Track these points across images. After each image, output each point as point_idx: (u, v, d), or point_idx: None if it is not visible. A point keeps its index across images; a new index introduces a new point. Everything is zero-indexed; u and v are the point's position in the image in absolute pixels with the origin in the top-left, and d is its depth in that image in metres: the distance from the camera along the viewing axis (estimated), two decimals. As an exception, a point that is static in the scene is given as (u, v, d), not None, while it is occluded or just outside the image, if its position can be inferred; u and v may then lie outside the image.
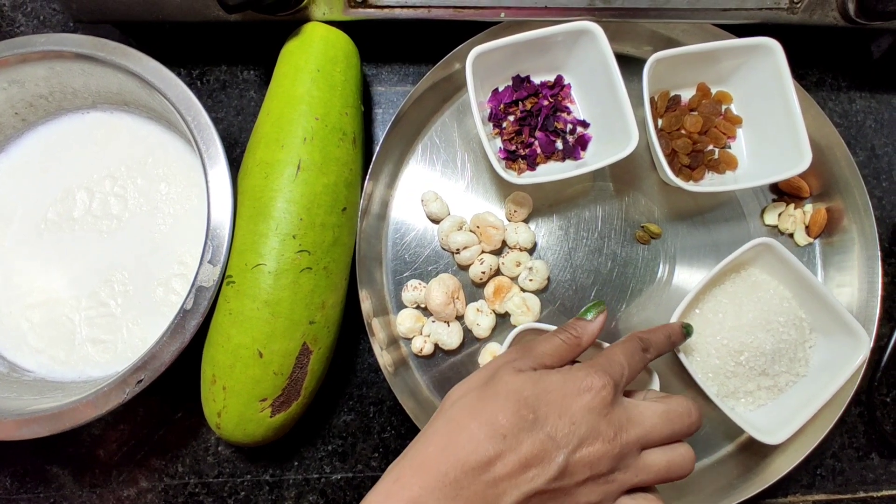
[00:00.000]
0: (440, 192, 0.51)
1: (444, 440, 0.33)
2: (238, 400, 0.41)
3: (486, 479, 0.31)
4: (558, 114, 0.51)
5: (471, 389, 0.35)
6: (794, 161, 0.47)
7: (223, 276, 0.41)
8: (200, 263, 0.41)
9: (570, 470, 0.32)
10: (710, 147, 0.51)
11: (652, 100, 0.50)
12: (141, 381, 0.39)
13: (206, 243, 0.41)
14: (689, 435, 0.36)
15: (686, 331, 0.43)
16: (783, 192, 0.52)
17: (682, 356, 0.45)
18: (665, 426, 0.35)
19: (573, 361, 0.38)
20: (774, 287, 0.48)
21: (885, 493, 0.51)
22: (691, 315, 0.47)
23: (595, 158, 0.50)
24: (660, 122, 0.51)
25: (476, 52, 0.46)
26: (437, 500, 0.31)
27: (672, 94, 0.52)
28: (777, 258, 0.47)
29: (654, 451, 0.35)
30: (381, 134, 0.53)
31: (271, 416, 0.42)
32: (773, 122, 0.49)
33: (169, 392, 0.49)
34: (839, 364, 0.46)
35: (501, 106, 0.51)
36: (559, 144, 0.51)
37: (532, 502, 0.32)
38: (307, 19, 0.48)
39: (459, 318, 0.49)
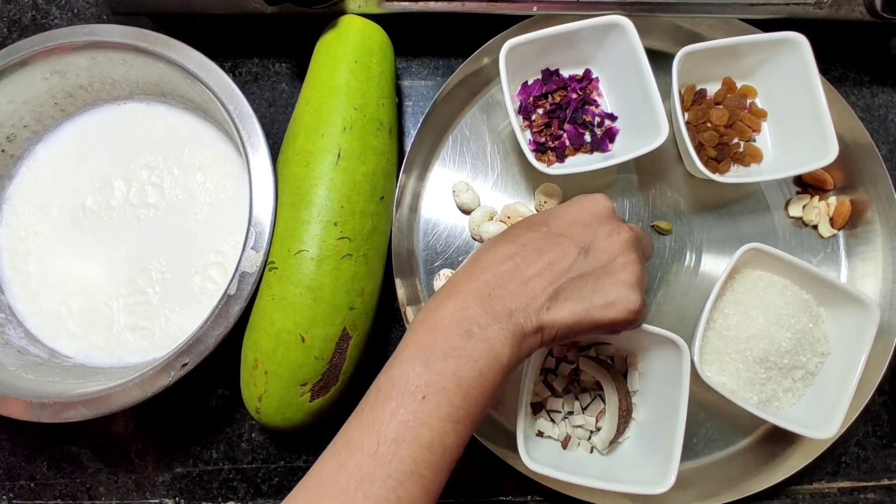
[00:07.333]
0: (470, 184, 0.51)
1: (470, 262, 0.37)
2: (279, 384, 0.41)
3: (517, 280, 0.35)
4: (586, 107, 0.52)
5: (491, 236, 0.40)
6: (820, 153, 0.48)
7: (266, 261, 0.42)
8: (243, 249, 0.41)
9: (592, 254, 0.36)
10: (736, 140, 0.52)
11: (679, 93, 0.51)
12: (186, 364, 0.40)
13: (248, 230, 0.42)
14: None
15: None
16: (807, 185, 0.53)
17: (719, 387, 0.46)
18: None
19: None
20: (770, 279, 0.49)
21: (907, 480, 0.52)
22: (707, 340, 0.48)
23: (623, 151, 0.50)
24: (686, 115, 0.52)
25: (509, 45, 0.47)
26: (475, 301, 0.34)
27: (698, 87, 0.53)
28: (768, 256, 0.48)
29: None
30: (411, 126, 0.54)
31: (311, 401, 0.42)
32: (798, 116, 0.50)
33: (204, 379, 0.49)
34: (856, 332, 0.46)
35: (531, 99, 0.52)
36: (587, 137, 0.52)
37: (570, 289, 0.35)
38: (342, 12, 0.48)
39: (490, 306, 0.50)
